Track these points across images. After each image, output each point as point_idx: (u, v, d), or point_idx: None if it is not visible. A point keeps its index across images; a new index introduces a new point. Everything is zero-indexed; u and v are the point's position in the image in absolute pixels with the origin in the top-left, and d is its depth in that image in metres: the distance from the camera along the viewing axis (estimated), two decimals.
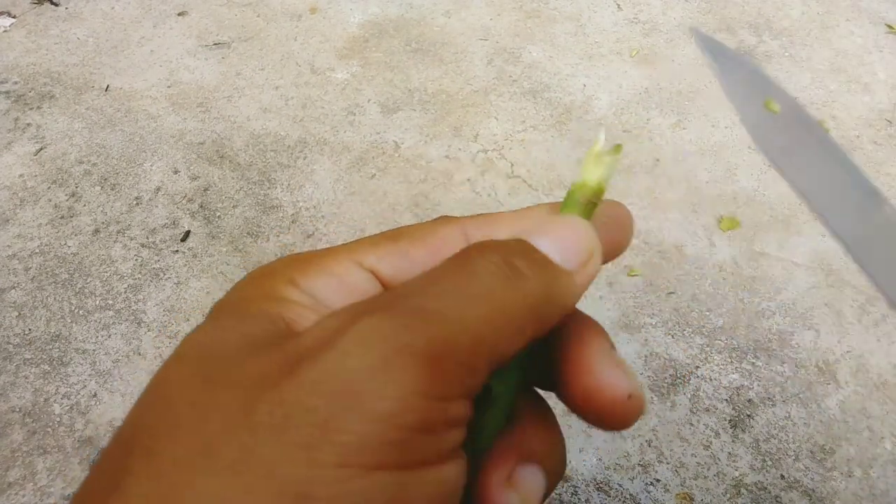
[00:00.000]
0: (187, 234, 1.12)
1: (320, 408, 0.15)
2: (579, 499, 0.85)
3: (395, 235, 0.21)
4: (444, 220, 0.23)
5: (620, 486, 0.86)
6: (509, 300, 0.18)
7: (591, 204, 0.23)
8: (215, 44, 1.45)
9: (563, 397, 0.22)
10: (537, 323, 0.19)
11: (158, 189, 1.19)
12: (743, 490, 0.86)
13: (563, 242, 0.20)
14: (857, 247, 0.23)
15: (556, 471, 0.22)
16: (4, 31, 1.48)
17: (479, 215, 0.23)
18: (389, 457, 0.15)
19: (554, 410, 0.23)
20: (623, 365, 0.21)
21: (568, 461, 0.91)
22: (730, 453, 0.89)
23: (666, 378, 0.96)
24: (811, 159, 0.24)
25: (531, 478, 0.21)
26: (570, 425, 0.92)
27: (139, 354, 0.98)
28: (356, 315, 0.17)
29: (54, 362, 0.97)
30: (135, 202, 1.17)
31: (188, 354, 0.18)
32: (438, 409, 0.16)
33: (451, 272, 0.18)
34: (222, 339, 0.18)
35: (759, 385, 0.95)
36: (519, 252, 0.19)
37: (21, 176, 1.21)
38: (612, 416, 0.20)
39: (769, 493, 0.86)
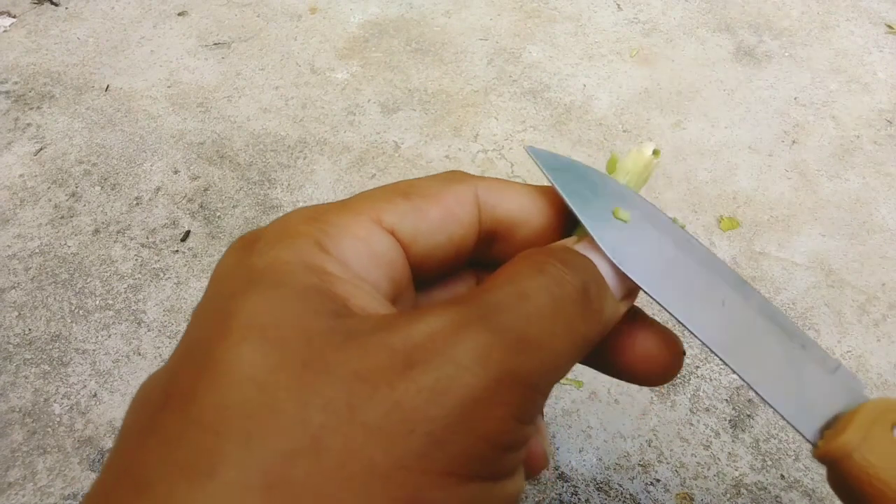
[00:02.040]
0: (187, 234, 1.12)
1: (438, 419, 0.15)
2: (579, 499, 0.85)
3: (406, 191, 0.21)
4: (455, 175, 0.22)
5: (620, 486, 0.86)
6: (585, 335, 0.19)
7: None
8: (215, 44, 1.45)
9: (608, 364, 0.23)
10: (588, 350, 0.20)
11: (158, 189, 1.19)
12: (743, 490, 0.86)
13: (618, 271, 0.21)
14: (723, 349, 0.22)
15: None
16: (4, 31, 1.48)
17: (489, 178, 0.23)
18: (484, 470, 0.16)
19: (553, 411, 0.23)
20: (660, 326, 0.23)
21: (568, 461, 0.91)
22: (730, 453, 0.89)
23: None
24: (667, 264, 0.23)
25: (541, 419, 0.23)
26: (570, 425, 0.92)
27: (139, 354, 0.98)
28: (461, 323, 0.17)
29: (54, 362, 0.97)
30: (135, 202, 1.17)
31: (264, 332, 0.17)
32: (523, 431, 0.17)
33: (536, 288, 0.18)
34: (294, 315, 0.17)
35: None
36: (591, 277, 0.20)
37: (21, 176, 1.21)
38: (658, 376, 0.22)
39: (769, 493, 0.86)
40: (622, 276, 0.22)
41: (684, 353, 0.23)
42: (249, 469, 0.14)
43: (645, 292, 0.22)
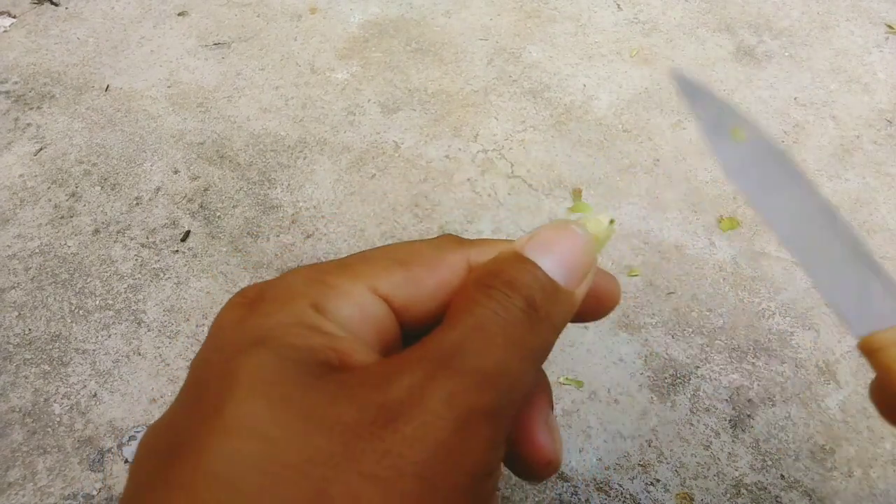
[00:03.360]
0: (187, 234, 1.12)
1: (422, 462, 0.17)
2: (579, 499, 0.85)
3: (405, 260, 0.23)
4: (449, 242, 0.24)
5: (620, 486, 0.86)
6: (537, 347, 0.21)
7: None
8: (215, 44, 1.45)
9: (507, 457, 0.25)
10: (547, 354, 0.22)
11: (158, 189, 1.19)
12: (743, 490, 0.86)
13: (567, 259, 0.22)
14: (811, 264, 0.26)
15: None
16: (4, 31, 1.48)
17: (480, 240, 0.25)
18: (471, 499, 0.18)
19: (553, 411, 0.24)
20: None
21: (568, 461, 0.91)
22: (730, 453, 0.89)
23: (666, 378, 0.96)
24: (770, 183, 0.27)
25: (555, 421, 0.24)
26: (570, 425, 0.92)
27: (139, 354, 0.98)
28: (428, 375, 0.19)
29: (54, 362, 0.97)
30: (135, 202, 1.17)
31: (269, 389, 0.19)
32: (496, 455, 0.19)
33: (485, 322, 0.20)
34: (294, 375, 0.19)
35: (759, 385, 0.95)
36: (535, 286, 0.21)
37: (21, 176, 1.21)
38: (537, 473, 0.24)
39: (769, 493, 0.86)
40: (583, 257, 0.23)
41: (553, 465, 0.25)
42: None
43: (751, 206, 0.26)
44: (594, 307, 0.25)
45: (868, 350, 0.24)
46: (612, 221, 0.26)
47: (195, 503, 0.16)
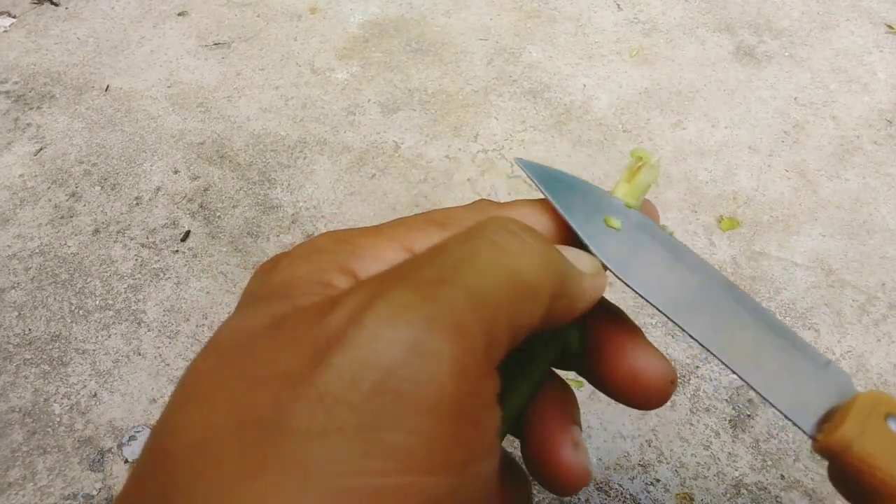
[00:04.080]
0: (187, 234, 1.12)
1: (362, 404, 0.13)
2: (579, 499, 0.85)
3: (441, 220, 0.21)
4: (486, 205, 0.22)
5: (620, 486, 0.86)
6: (521, 263, 0.17)
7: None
8: (215, 44, 1.45)
9: (601, 379, 0.23)
10: (549, 291, 0.18)
11: (158, 189, 1.19)
12: (743, 490, 0.86)
13: (571, 252, 0.21)
14: (718, 348, 0.22)
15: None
16: (4, 31, 1.48)
17: (517, 201, 0.23)
18: (441, 456, 0.14)
19: None
20: (659, 353, 0.22)
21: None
22: (730, 453, 0.89)
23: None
24: (660, 269, 0.24)
25: (578, 434, 0.22)
26: None
27: (139, 354, 0.98)
28: (374, 291, 0.15)
29: (54, 362, 0.97)
30: (135, 202, 1.17)
31: (223, 344, 0.16)
32: (471, 389, 0.14)
33: (461, 241, 0.17)
34: (256, 326, 0.16)
35: None
36: (527, 228, 0.19)
37: (21, 176, 1.21)
38: (653, 398, 0.22)
39: (769, 493, 0.86)
40: (586, 259, 0.22)
41: (675, 382, 0.23)
42: (195, 497, 0.13)
43: (642, 297, 0.23)
44: (641, 385, 0.22)
45: (833, 451, 0.21)
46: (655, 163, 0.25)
47: (140, 486, 0.15)
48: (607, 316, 0.24)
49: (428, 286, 0.15)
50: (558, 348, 0.23)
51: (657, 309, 0.23)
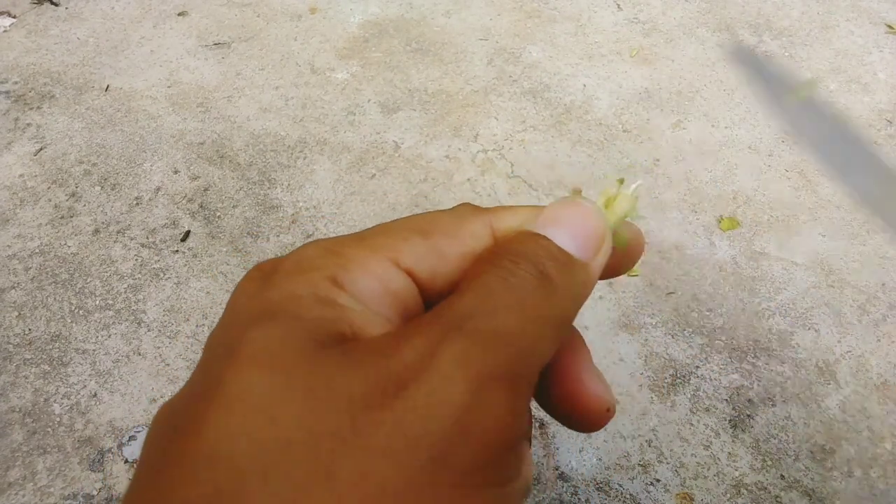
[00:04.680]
0: (187, 234, 1.12)
1: (437, 433, 0.16)
2: (579, 499, 0.85)
3: (425, 229, 0.21)
4: (469, 210, 0.23)
5: (620, 486, 0.86)
6: (551, 313, 0.19)
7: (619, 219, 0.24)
8: (215, 44, 1.45)
9: (543, 398, 0.24)
10: (569, 326, 0.20)
11: (158, 189, 1.19)
12: (743, 490, 0.86)
13: (578, 231, 0.21)
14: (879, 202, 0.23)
15: None
16: (4, 31, 1.48)
17: (500, 207, 0.24)
18: (489, 476, 0.17)
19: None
20: (603, 379, 0.23)
21: (567, 461, 0.91)
22: (730, 453, 0.89)
23: (666, 378, 0.96)
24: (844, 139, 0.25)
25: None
26: None
27: (139, 354, 0.98)
28: (439, 338, 0.17)
29: (54, 362, 0.97)
30: (135, 202, 1.17)
31: (272, 360, 0.17)
32: (517, 425, 0.18)
33: (496, 287, 0.19)
34: (299, 347, 0.18)
35: (759, 385, 0.95)
36: (546, 256, 0.20)
37: (21, 176, 1.21)
38: (589, 422, 0.23)
39: (769, 493, 0.86)
40: (594, 228, 0.22)
41: (611, 410, 0.24)
42: (270, 502, 0.15)
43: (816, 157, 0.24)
44: (618, 260, 0.24)
45: None
46: (633, 192, 0.25)
47: (193, 482, 0.16)
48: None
49: (485, 339, 0.18)
50: None
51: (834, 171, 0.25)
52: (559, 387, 0.23)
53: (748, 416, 0.92)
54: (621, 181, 0.25)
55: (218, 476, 0.15)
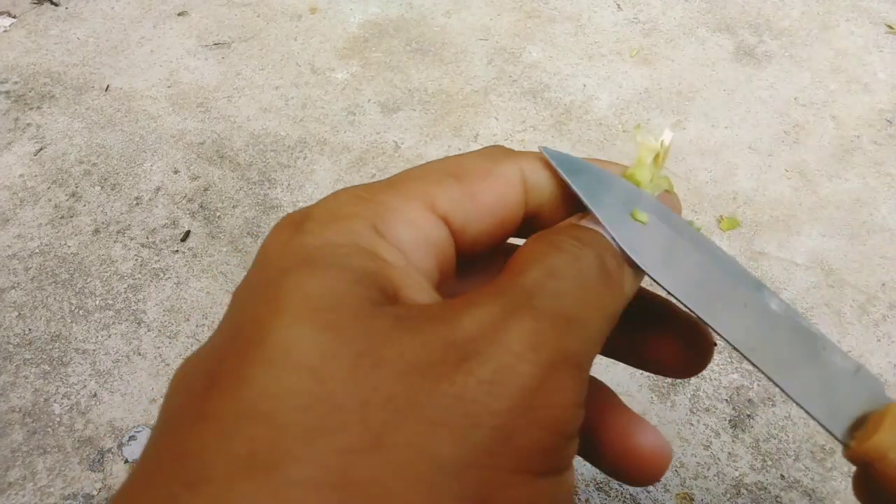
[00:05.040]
0: (187, 234, 1.12)
1: (502, 412, 0.15)
2: (579, 499, 0.85)
3: (457, 173, 0.20)
4: (500, 152, 0.22)
5: (620, 486, 0.86)
6: (611, 306, 0.19)
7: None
8: (215, 44, 1.45)
9: (597, 457, 0.23)
10: (618, 316, 0.20)
11: (158, 189, 1.19)
12: (743, 490, 0.86)
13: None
14: (749, 349, 0.22)
15: None
16: (4, 31, 1.48)
17: (529, 154, 0.23)
18: (550, 463, 0.16)
19: None
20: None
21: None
22: (730, 453, 0.89)
23: (666, 378, 0.96)
24: (687, 264, 0.23)
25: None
26: None
27: (139, 354, 0.98)
28: (506, 313, 0.16)
29: (54, 362, 0.97)
30: (135, 202, 1.17)
31: (320, 315, 0.16)
32: (579, 414, 0.17)
33: (563, 269, 0.18)
34: (349, 302, 0.16)
35: (759, 385, 0.95)
36: (606, 249, 0.20)
37: (21, 176, 1.21)
38: (650, 474, 0.22)
39: (769, 493, 0.86)
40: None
41: (715, 344, 0.23)
42: (313, 467, 0.14)
43: (672, 295, 0.22)
44: (640, 466, 0.22)
45: (868, 458, 0.21)
46: (662, 144, 0.25)
47: (229, 439, 0.14)
48: (600, 394, 0.24)
49: (556, 320, 0.17)
50: None
51: (685, 306, 0.22)
52: (612, 446, 0.22)
53: (748, 416, 0.92)
54: (639, 126, 0.25)
55: (257, 434, 0.14)
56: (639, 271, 0.21)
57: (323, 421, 0.14)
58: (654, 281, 0.22)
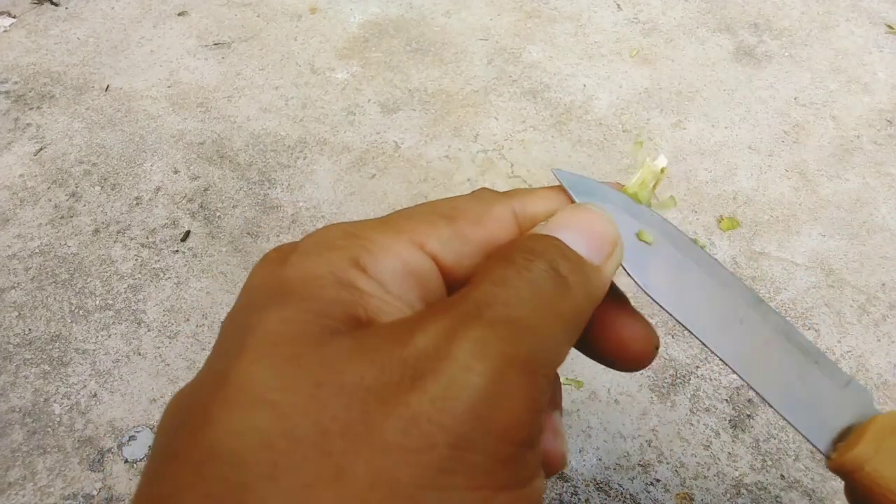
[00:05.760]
0: (187, 234, 1.12)
1: (453, 428, 0.15)
2: (579, 499, 0.85)
3: (450, 214, 0.21)
4: (491, 196, 0.22)
5: (620, 486, 0.86)
6: (565, 311, 0.19)
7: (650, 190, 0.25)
8: (215, 44, 1.45)
9: (587, 346, 0.23)
10: (584, 323, 0.20)
11: (158, 189, 1.19)
12: (743, 490, 0.86)
13: (590, 236, 0.21)
14: (740, 366, 0.23)
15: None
16: (4, 31, 1.48)
17: (520, 190, 0.23)
18: (509, 476, 0.16)
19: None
20: (644, 319, 0.23)
21: (568, 461, 0.91)
22: (730, 453, 0.89)
23: (666, 378, 0.96)
24: (688, 285, 0.24)
25: (559, 420, 0.23)
26: (570, 426, 0.92)
27: (139, 354, 0.98)
28: (455, 325, 0.16)
29: (54, 362, 0.97)
30: (135, 202, 1.17)
31: (276, 350, 0.16)
32: (536, 422, 0.17)
33: (513, 280, 0.18)
34: (309, 331, 0.17)
35: None
36: (559, 255, 0.20)
37: (21, 176, 1.21)
38: (639, 362, 0.23)
39: (769, 493, 0.86)
40: (605, 233, 0.22)
41: (657, 348, 0.24)
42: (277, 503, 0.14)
43: (668, 312, 0.23)
44: (627, 351, 0.23)
45: (846, 469, 0.21)
46: (662, 170, 0.26)
47: (200, 479, 0.15)
48: None
49: (501, 326, 0.17)
50: None
51: (681, 324, 0.23)
52: (603, 332, 0.22)
53: (748, 416, 0.92)
54: (641, 143, 0.26)
55: (223, 475, 0.15)
56: (608, 262, 0.22)
57: (284, 457, 0.14)
58: (658, 304, 0.23)
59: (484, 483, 0.15)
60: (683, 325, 0.23)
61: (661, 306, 0.23)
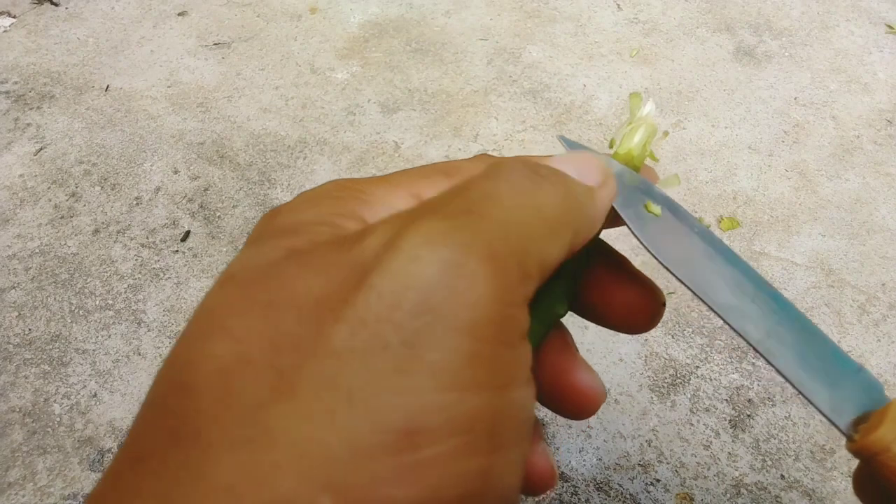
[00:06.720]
0: (187, 234, 1.12)
1: (405, 323, 0.13)
2: (579, 499, 0.85)
3: (446, 170, 0.21)
4: (486, 158, 0.23)
5: (620, 486, 0.86)
6: (542, 201, 0.17)
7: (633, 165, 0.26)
8: (215, 44, 1.45)
9: (592, 311, 0.24)
10: (570, 228, 0.18)
11: (158, 189, 1.19)
12: (743, 490, 0.86)
13: (579, 163, 0.21)
14: (759, 342, 0.23)
15: None
16: (4, 31, 1.48)
17: (518, 157, 0.24)
18: (481, 375, 0.14)
19: (554, 414, 0.24)
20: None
21: (567, 461, 0.91)
22: (730, 453, 0.89)
23: (666, 378, 0.96)
24: (699, 258, 0.24)
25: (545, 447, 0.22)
26: (571, 425, 0.92)
27: (139, 354, 0.98)
28: (406, 220, 0.15)
29: (54, 362, 0.97)
30: (135, 202, 1.17)
31: (239, 276, 0.16)
32: (509, 316, 0.15)
33: (483, 180, 0.17)
34: (273, 259, 0.16)
35: (759, 385, 0.95)
36: (540, 164, 0.19)
37: (21, 176, 1.21)
38: (648, 321, 0.23)
39: (769, 493, 0.86)
40: (596, 163, 0.22)
41: (664, 304, 0.24)
42: (232, 427, 0.13)
43: (681, 281, 0.23)
44: (634, 312, 0.23)
45: (870, 451, 0.21)
46: (655, 127, 0.26)
47: (159, 415, 0.15)
48: (597, 249, 0.25)
49: (460, 216, 0.15)
50: (571, 282, 0.24)
51: (697, 295, 0.23)
52: (610, 295, 0.23)
53: (748, 416, 0.92)
54: (639, 95, 0.26)
55: (180, 406, 0.14)
56: (604, 197, 0.22)
57: (238, 380, 0.14)
58: (672, 273, 0.23)
59: (449, 384, 0.13)
60: (697, 296, 0.23)
61: (675, 276, 0.23)
